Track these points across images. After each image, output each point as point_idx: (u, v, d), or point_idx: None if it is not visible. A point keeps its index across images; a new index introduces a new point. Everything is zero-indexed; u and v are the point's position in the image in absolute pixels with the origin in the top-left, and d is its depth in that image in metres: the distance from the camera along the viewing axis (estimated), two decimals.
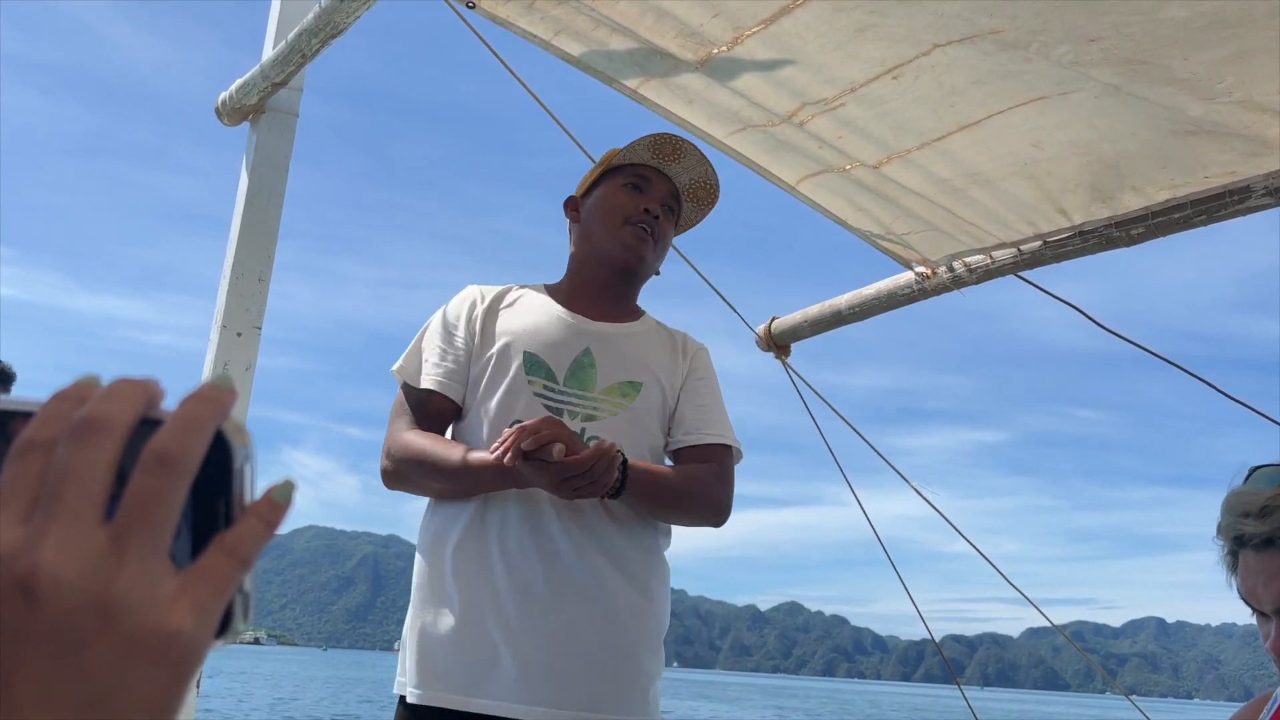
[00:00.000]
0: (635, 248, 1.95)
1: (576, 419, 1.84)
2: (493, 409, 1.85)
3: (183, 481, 0.37)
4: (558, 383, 1.87)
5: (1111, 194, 2.07)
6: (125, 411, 0.37)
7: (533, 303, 1.98)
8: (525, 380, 1.86)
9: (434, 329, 1.95)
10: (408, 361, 1.94)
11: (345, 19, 1.95)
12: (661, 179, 2.00)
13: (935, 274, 2.56)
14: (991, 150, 2.06)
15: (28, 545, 0.35)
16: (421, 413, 1.88)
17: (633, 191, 1.97)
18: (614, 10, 1.95)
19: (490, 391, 1.87)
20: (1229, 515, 1.32)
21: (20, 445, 0.37)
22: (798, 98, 2.07)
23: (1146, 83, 1.68)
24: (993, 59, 1.76)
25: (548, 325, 1.93)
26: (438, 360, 1.90)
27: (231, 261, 2.26)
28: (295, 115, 2.35)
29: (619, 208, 1.96)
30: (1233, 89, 1.64)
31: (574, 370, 1.88)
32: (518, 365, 1.87)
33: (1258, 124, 1.73)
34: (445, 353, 1.91)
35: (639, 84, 2.16)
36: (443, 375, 1.89)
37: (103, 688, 0.35)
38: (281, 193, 2.32)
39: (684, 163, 2.00)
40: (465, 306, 1.96)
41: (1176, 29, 1.54)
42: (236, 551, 0.38)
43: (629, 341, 1.96)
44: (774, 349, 2.99)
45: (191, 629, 0.36)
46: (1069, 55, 1.67)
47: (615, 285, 2.00)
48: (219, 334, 2.21)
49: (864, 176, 2.29)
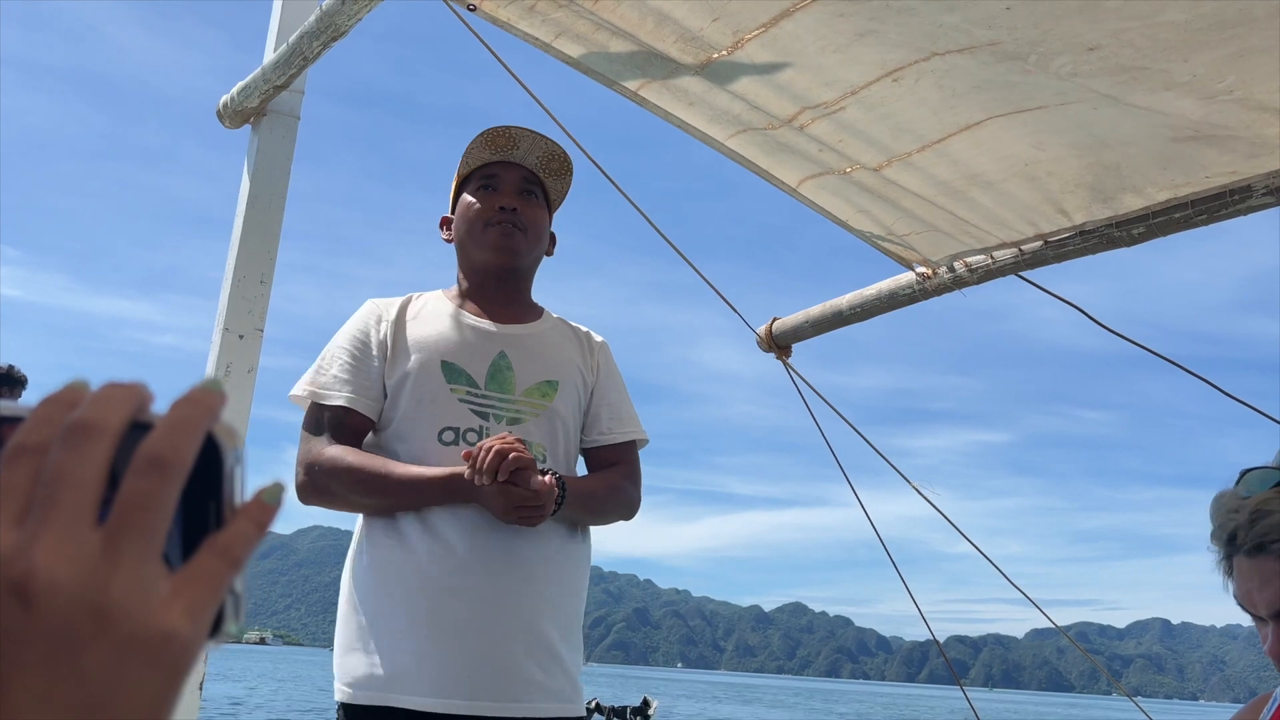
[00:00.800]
0: (504, 246, 1.98)
1: (502, 422, 1.88)
2: (419, 419, 1.87)
3: (175, 484, 0.37)
4: (479, 387, 1.90)
5: (1112, 194, 2.07)
6: (117, 415, 0.38)
7: (438, 310, 2.00)
8: (448, 388, 1.88)
9: (341, 347, 1.95)
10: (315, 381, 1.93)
11: (346, 21, 1.95)
12: (509, 169, 2.02)
13: (936, 274, 2.56)
14: (992, 152, 2.06)
15: (22, 549, 0.35)
16: (339, 429, 1.88)
17: (487, 193, 2.00)
18: (614, 14, 1.95)
19: (414, 402, 1.88)
20: (1219, 521, 1.30)
21: (12, 449, 0.37)
22: (798, 101, 2.07)
23: (1147, 90, 1.68)
24: (991, 69, 1.76)
25: (457, 333, 1.95)
26: (349, 377, 1.90)
27: (233, 264, 2.26)
28: (297, 118, 2.36)
29: (478, 214, 1.99)
30: (1233, 87, 1.64)
31: (493, 374, 1.92)
32: (437, 374, 1.89)
33: (1258, 123, 1.72)
34: (357, 369, 1.91)
35: (640, 86, 2.16)
36: (357, 391, 1.89)
37: (98, 690, 0.35)
38: (283, 195, 2.33)
39: (524, 145, 2.02)
40: (371, 321, 1.97)
41: (1176, 32, 1.54)
42: (228, 553, 0.38)
43: (538, 341, 2.01)
44: (775, 349, 2.98)
45: (186, 630, 0.36)
46: (1068, 66, 1.67)
47: (505, 287, 2.02)
48: (221, 336, 2.22)
49: (865, 179, 2.29)
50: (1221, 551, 1.30)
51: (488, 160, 2.02)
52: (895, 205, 2.35)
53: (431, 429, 1.86)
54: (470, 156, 2.02)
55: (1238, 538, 1.26)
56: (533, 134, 2.02)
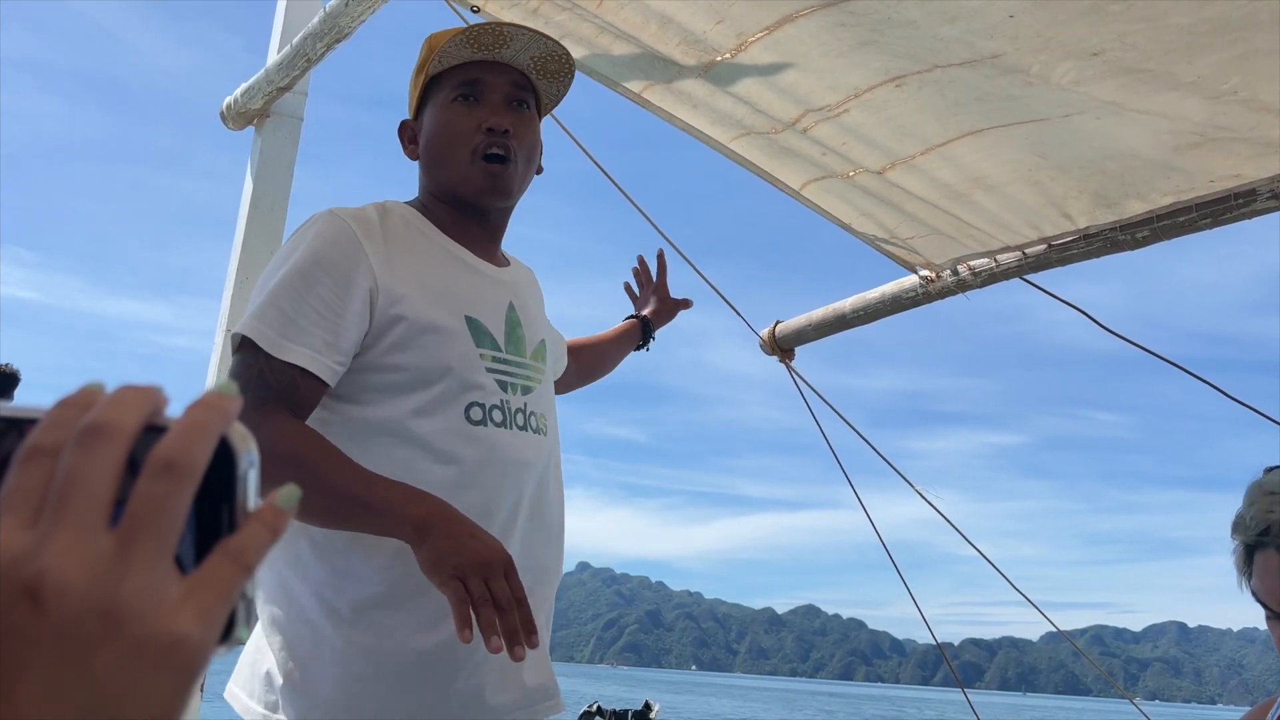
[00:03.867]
0: (494, 186, 1.54)
1: (517, 392, 1.51)
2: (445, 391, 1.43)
3: (188, 487, 0.37)
4: (501, 350, 1.51)
5: (1116, 200, 2.07)
6: (130, 418, 0.38)
7: (427, 240, 1.54)
8: (477, 353, 1.47)
9: (309, 281, 1.40)
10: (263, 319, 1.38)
11: (350, 23, 1.95)
12: (495, 72, 1.56)
13: (939, 277, 2.56)
14: (996, 156, 2.06)
15: (34, 550, 0.35)
16: (288, 397, 1.35)
17: (466, 105, 1.55)
18: (617, 17, 1.95)
19: (432, 369, 1.43)
20: (1253, 513, 1.28)
21: (26, 451, 0.37)
22: (801, 104, 2.07)
23: (1150, 91, 1.68)
24: (993, 82, 1.76)
25: (466, 277, 1.54)
26: (324, 332, 1.38)
27: (236, 265, 2.26)
28: (300, 119, 2.36)
29: (458, 136, 1.53)
30: (1238, 89, 1.64)
31: (509, 332, 1.54)
32: (464, 333, 1.47)
33: (1263, 125, 1.72)
34: (324, 319, 1.38)
35: (643, 89, 2.16)
36: (321, 351, 1.37)
37: (108, 692, 0.35)
38: (286, 196, 2.33)
39: (516, 44, 1.56)
40: (348, 248, 1.42)
41: (1180, 35, 1.54)
42: (240, 557, 0.38)
43: (526, 288, 1.65)
44: (778, 353, 2.98)
45: (197, 634, 0.36)
46: (1070, 74, 1.67)
47: (490, 223, 1.61)
48: (223, 338, 2.22)
49: (868, 182, 2.29)
50: (1247, 544, 1.29)
51: (468, 59, 1.55)
52: (898, 208, 2.35)
53: (458, 405, 1.44)
54: (444, 54, 1.53)
55: (1271, 530, 1.24)
56: (531, 32, 1.55)
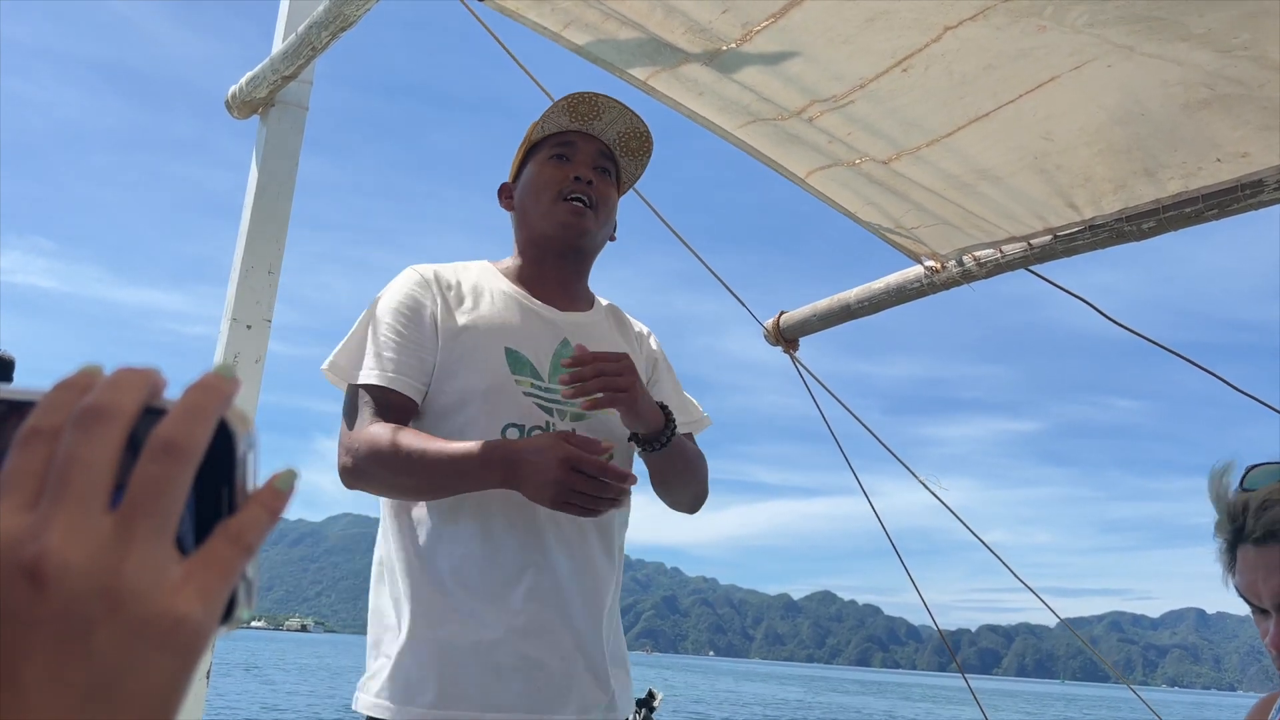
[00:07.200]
0: (574, 223, 1.81)
1: (565, 419, 1.73)
2: (481, 412, 1.70)
3: (188, 469, 0.37)
4: (543, 380, 1.74)
5: (1123, 182, 2.06)
6: (130, 400, 0.38)
7: (492, 287, 1.82)
8: (512, 379, 1.72)
9: (383, 319, 1.74)
10: (350, 358, 1.74)
11: (355, 11, 1.95)
12: (587, 140, 1.86)
13: (945, 268, 2.55)
14: (1001, 145, 2.05)
15: (35, 531, 0.35)
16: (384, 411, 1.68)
17: (559, 163, 1.83)
18: (623, 5, 1.95)
19: (471, 392, 1.71)
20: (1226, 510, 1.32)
21: (25, 433, 0.38)
22: (807, 94, 2.06)
23: (1162, 39, 1.66)
24: (1004, 34, 1.74)
25: (517, 316, 1.79)
26: (394, 354, 1.71)
27: (241, 254, 2.26)
28: (305, 108, 2.36)
29: (548, 183, 1.82)
30: (1248, 45, 1.63)
31: (556, 366, 1.75)
32: (501, 362, 1.72)
33: (1271, 83, 1.71)
34: (402, 346, 1.72)
35: (649, 75, 2.16)
36: (401, 371, 1.70)
37: (109, 673, 0.35)
38: (291, 185, 2.33)
39: (606, 117, 1.85)
40: (419, 291, 1.77)
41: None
42: (240, 538, 0.38)
43: (596, 331, 1.86)
44: (782, 343, 2.98)
45: (198, 614, 0.37)
46: (1084, 17, 1.66)
47: (567, 268, 1.87)
48: (229, 326, 2.22)
49: (873, 171, 2.28)
50: (1226, 542, 1.32)
51: (565, 128, 1.85)
52: (904, 198, 2.35)
53: (495, 423, 1.68)
54: (547, 121, 1.84)
55: (1246, 527, 1.27)
56: (619, 106, 1.84)
